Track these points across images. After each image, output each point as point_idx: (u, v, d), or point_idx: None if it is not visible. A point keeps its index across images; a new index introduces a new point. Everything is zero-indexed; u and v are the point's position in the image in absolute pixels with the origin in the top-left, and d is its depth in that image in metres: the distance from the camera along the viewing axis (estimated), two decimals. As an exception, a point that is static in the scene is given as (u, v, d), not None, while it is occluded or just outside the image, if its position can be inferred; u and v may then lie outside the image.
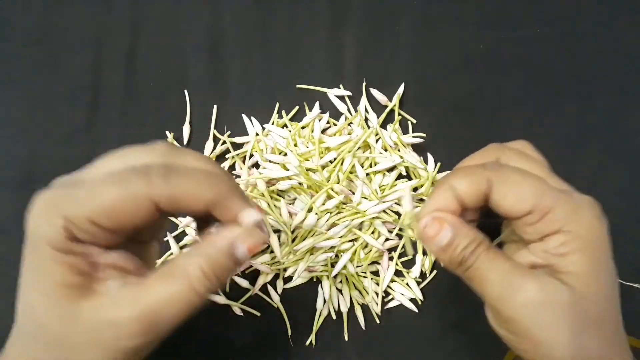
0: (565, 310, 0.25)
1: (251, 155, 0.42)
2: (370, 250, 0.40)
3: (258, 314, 0.40)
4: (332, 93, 0.43)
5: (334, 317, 0.40)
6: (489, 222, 0.30)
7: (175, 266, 0.24)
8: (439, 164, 0.41)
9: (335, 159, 0.40)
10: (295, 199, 0.40)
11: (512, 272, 0.26)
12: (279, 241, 0.40)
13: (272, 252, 0.40)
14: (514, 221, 0.27)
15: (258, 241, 0.25)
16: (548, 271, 0.26)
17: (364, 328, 0.40)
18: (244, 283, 0.40)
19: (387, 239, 0.40)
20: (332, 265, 0.40)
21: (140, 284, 0.23)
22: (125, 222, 0.23)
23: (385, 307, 0.40)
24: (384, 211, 0.40)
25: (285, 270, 0.40)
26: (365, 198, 0.40)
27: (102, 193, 0.23)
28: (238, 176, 0.41)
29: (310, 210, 0.39)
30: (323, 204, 0.39)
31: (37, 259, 0.24)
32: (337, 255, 0.40)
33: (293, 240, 0.39)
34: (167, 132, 0.43)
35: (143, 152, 0.25)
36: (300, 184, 0.40)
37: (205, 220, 0.27)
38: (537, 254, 0.27)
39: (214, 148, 0.42)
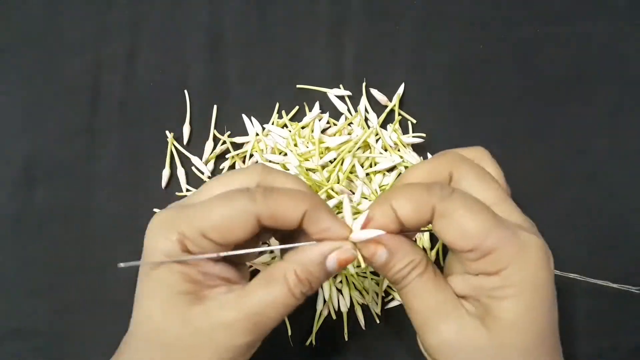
0: (481, 355, 0.25)
1: (251, 155, 0.42)
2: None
3: (258, 314, 0.40)
4: (332, 93, 0.43)
5: (334, 317, 0.40)
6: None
7: (273, 272, 0.26)
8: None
9: (335, 159, 0.40)
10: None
11: (437, 307, 0.26)
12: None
13: (271, 252, 0.40)
14: (455, 251, 0.26)
15: (349, 257, 0.26)
16: (479, 306, 0.26)
17: (364, 328, 0.40)
18: (244, 283, 0.40)
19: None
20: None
21: (244, 290, 0.26)
22: (232, 236, 0.26)
23: (385, 307, 0.40)
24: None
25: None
26: (365, 198, 0.40)
27: (213, 210, 0.26)
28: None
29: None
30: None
31: (154, 271, 0.26)
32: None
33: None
34: (167, 132, 0.43)
35: (242, 174, 0.28)
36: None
37: (289, 237, 0.29)
38: (471, 287, 0.26)
39: (214, 148, 0.42)
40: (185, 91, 0.43)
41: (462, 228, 0.25)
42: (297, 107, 0.43)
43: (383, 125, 0.42)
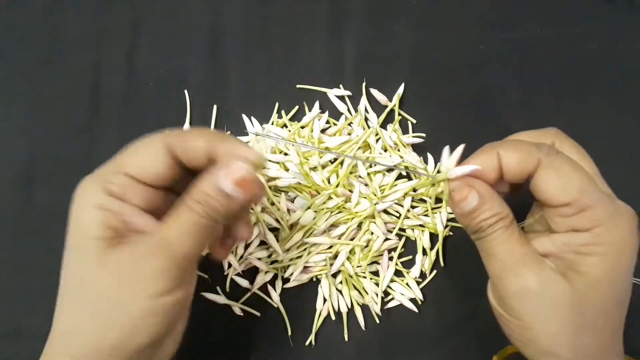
0: (561, 306, 0.25)
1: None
2: (370, 250, 0.40)
3: (258, 314, 0.40)
4: (332, 93, 0.43)
5: (334, 317, 0.40)
6: (516, 198, 0.30)
7: (180, 203, 0.27)
8: (439, 164, 0.41)
9: (335, 159, 0.40)
10: (296, 197, 0.40)
11: (520, 256, 0.26)
12: (277, 240, 0.40)
13: (268, 248, 0.40)
14: (547, 208, 0.27)
15: (242, 175, 0.27)
16: (559, 264, 0.26)
17: (364, 328, 0.40)
18: (244, 283, 0.40)
19: (386, 239, 0.40)
20: (332, 265, 0.40)
21: (158, 227, 0.27)
22: (151, 169, 0.27)
23: (385, 307, 0.40)
24: (385, 211, 0.40)
25: (284, 270, 0.40)
26: (365, 198, 0.40)
27: (131, 152, 0.28)
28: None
29: (309, 208, 0.39)
30: (324, 203, 0.39)
31: (76, 219, 0.27)
32: (335, 256, 0.40)
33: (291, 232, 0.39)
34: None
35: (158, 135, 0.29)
36: (299, 183, 0.40)
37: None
38: (557, 245, 0.27)
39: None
40: (185, 91, 0.43)
41: (565, 180, 0.26)
42: (297, 107, 0.43)
43: (383, 125, 0.42)
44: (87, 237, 0.26)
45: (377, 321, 0.40)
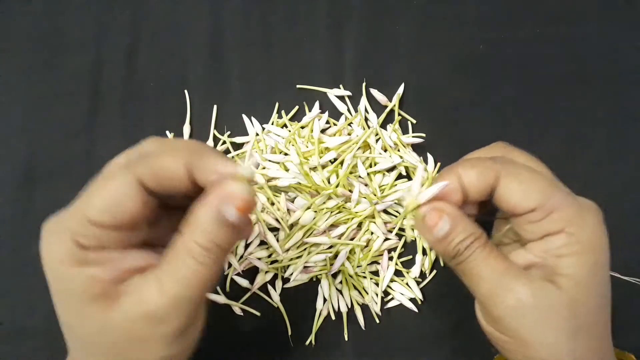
0: (556, 314, 0.25)
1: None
2: (370, 250, 0.40)
3: (258, 314, 0.40)
4: (332, 93, 0.43)
5: (334, 317, 0.40)
6: (483, 219, 0.30)
7: (176, 250, 0.24)
8: (439, 164, 0.41)
9: (335, 159, 0.40)
10: (295, 197, 0.40)
11: (506, 271, 0.26)
12: (277, 240, 0.40)
13: (268, 248, 0.40)
14: (516, 218, 0.27)
15: (243, 198, 0.23)
16: (543, 272, 0.26)
17: (364, 328, 0.40)
18: (244, 283, 0.40)
19: (386, 239, 0.40)
20: (332, 265, 0.40)
21: (156, 276, 0.24)
22: (122, 213, 0.24)
23: (385, 307, 0.40)
24: (385, 211, 0.40)
25: (284, 270, 0.40)
26: (365, 198, 0.40)
27: (93, 194, 0.24)
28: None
29: (308, 208, 0.39)
30: (324, 203, 0.39)
31: (56, 281, 0.24)
32: (336, 256, 0.40)
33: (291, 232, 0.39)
34: (167, 132, 0.43)
35: (127, 151, 0.26)
36: (299, 183, 0.40)
37: None
38: (535, 253, 0.27)
39: (214, 148, 0.42)
40: (185, 91, 0.43)
41: (527, 186, 0.26)
42: (297, 107, 0.43)
43: (383, 125, 0.42)
44: (79, 302, 0.24)
45: (377, 321, 0.40)
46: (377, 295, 0.40)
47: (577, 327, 0.25)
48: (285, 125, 0.42)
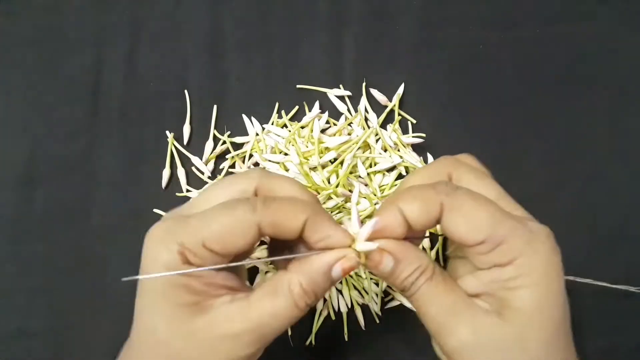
0: (504, 350, 0.24)
1: (250, 156, 0.42)
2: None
3: (258, 314, 0.40)
4: (332, 93, 0.43)
5: (334, 317, 0.40)
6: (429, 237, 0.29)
7: (278, 283, 0.26)
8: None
9: (335, 159, 0.40)
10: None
11: (450, 308, 0.25)
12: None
13: (268, 248, 0.40)
14: (465, 248, 0.26)
15: (353, 265, 0.26)
16: (493, 302, 0.26)
17: (363, 328, 0.40)
18: (244, 283, 0.40)
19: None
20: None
21: (248, 300, 0.26)
22: (233, 246, 0.25)
23: (385, 307, 0.40)
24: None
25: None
26: (365, 198, 0.40)
27: (213, 220, 0.25)
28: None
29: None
30: (323, 203, 0.39)
31: (156, 283, 0.25)
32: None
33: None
34: (167, 132, 0.43)
35: (241, 179, 0.27)
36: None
37: (282, 244, 0.29)
38: (484, 283, 0.26)
39: (214, 148, 0.42)
40: (186, 91, 0.43)
41: (472, 219, 0.25)
42: (297, 107, 0.43)
43: (383, 125, 0.42)
44: (170, 305, 0.25)
45: (377, 321, 0.40)
46: (377, 295, 0.40)
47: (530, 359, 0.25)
48: (285, 125, 0.42)
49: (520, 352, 0.24)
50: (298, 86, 0.43)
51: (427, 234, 0.28)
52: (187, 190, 0.42)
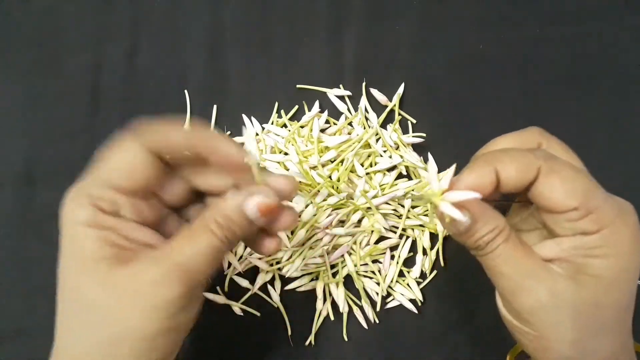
0: (578, 313, 0.25)
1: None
2: (368, 245, 0.40)
3: (258, 314, 0.40)
4: (332, 93, 0.43)
5: (333, 317, 0.40)
6: (501, 203, 0.29)
7: (195, 223, 0.26)
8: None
9: (335, 159, 0.40)
10: (296, 196, 0.40)
11: (527, 269, 0.26)
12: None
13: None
14: (551, 214, 0.26)
15: (268, 203, 0.26)
16: (568, 268, 0.26)
17: (364, 328, 0.40)
18: (244, 283, 0.40)
19: (387, 238, 0.40)
20: (332, 267, 0.40)
21: (169, 246, 0.26)
22: (136, 178, 0.26)
23: (385, 307, 0.40)
24: (388, 206, 0.40)
25: (280, 269, 0.40)
26: (365, 192, 0.40)
27: (107, 162, 0.26)
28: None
29: (307, 206, 0.39)
30: (324, 200, 0.39)
31: (71, 240, 0.26)
32: (334, 247, 0.40)
33: (292, 232, 0.39)
34: (167, 132, 0.43)
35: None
36: (300, 182, 0.40)
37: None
38: (564, 249, 0.26)
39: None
40: (185, 91, 0.43)
41: (571, 185, 0.25)
42: (296, 107, 0.43)
43: (383, 125, 0.42)
44: (89, 259, 0.25)
45: (377, 321, 0.40)
46: (377, 295, 0.40)
47: (600, 327, 0.25)
48: (285, 125, 0.42)
49: (593, 317, 0.25)
50: (298, 86, 0.43)
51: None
52: (187, 190, 0.42)
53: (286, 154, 0.41)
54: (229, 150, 0.26)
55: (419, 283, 0.40)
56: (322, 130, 0.41)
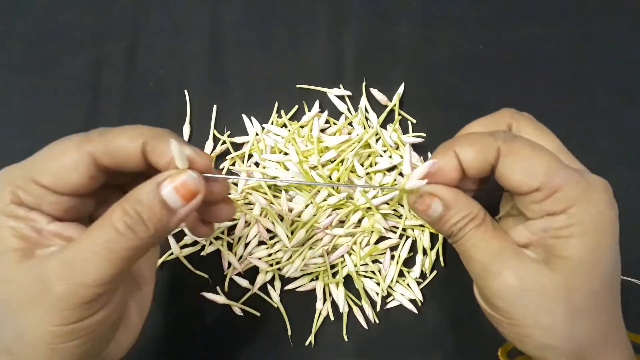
0: (549, 297, 0.24)
1: (250, 156, 0.42)
2: (368, 245, 0.40)
3: (258, 314, 0.40)
4: (332, 93, 0.43)
5: (333, 317, 0.40)
6: (483, 193, 0.29)
7: (101, 217, 0.24)
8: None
9: (335, 159, 0.40)
10: (295, 196, 0.40)
11: (497, 253, 0.25)
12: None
13: (268, 248, 0.40)
14: (518, 196, 0.26)
15: (189, 184, 0.23)
16: (541, 252, 0.26)
17: (364, 328, 0.40)
18: (243, 283, 0.40)
19: (387, 238, 0.40)
20: (332, 267, 0.40)
21: (74, 242, 0.23)
22: (66, 181, 0.24)
23: (385, 307, 0.40)
24: (388, 206, 0.40)
25: (280, 269, 0.40)
26: (365, 192, 0.40)
27: (44, 154, 0.24)
28: (237, 174, 0.41)
29: (308, 206, 0.39)
30: (324, 200, 0.39)
31: None
32: (334, 247, 0.40)
33: (292, 233, 0.39)
34: (167, 132, 0.43)
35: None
36: (300, 182, 0.40)
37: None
38: (534, 232, 0.26)
39: (214, 148, 0.42)
40: (185, 91, 0.43)
41: (528, 166, 0.24)
42: (296, 107, 0.43)
43: (383, 125, 0.42)
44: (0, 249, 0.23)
45: (377, 321, 0.40)
46: (377, 295, 0.40)
47: (574, 311, 0.24)
48: (284, 125, 0.42)
49: (564, 301, 0.24)
50: (298, 86, 0.43)
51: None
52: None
53: (286, 154, 0.41)
54: (185, 152, 0.24)
55: (419, 283, 0.40)
56: (322, 130, 0.41)
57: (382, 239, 0.40)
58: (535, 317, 0.25)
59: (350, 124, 0.42)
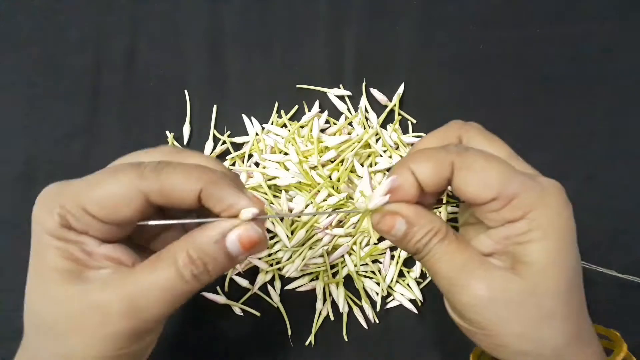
0: (518, 304, 0.25)
1: (250, 156, 0.42)
2: (368, 245, 0.40)
3: (258, 314, 0.40)
4: (332, 93, 0.43)
5: (333, 317, 0.40)
6: (440, 205, 0.29)
7: (164, 252, 0.24)
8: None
9: (335, 159, 0.40)
10: (295, 196, 0.40)
11: (463, 266, 0.25)
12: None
13: (269, 248, 0.40)
14: (475, 207, 0.26)
15: (252, 236, 0.24)
16: (505, 260, 0.26)
17: (365, 328, 0.40)
18: (243, 283, 0.40)
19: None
20: (332, 267, 0.40)
21: (130, 271, 0.24)
22: (116, 214, 0.24)
23: (385, 307, 0.40)
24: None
25: (280, 269, 0.40)
26: (363, 195, 0.40)
27: (96, 184, 0.24)
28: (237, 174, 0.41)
29: (307, 206, 0.39)
30: (324, 200, 0.39)
31: (35, 245, 0.25)
32: (334, 247, 0.40)
33: (292, 233, 0.39)
34: (167, 132, 0.43)
35: (145, 152, 0.26)
36: (299, 182, 0.40)
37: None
38: (497, 240, 0.26)
39: (214, 148, 0.42)
40: (185, 91, 0.43)
41: (483, 177, 0.25)
42: (296, 107, 0.43)
43: (383, 125, 0.42)
44: (47, 270, 0.24)
45: (377, 321, 0.40)
46: (377, 295, 0.40)
47: (544, 315, 0.25)
48: (285, 125, 0.42)
49: (534, 306, 0.24)
50: (298, 86, 0.43)
51: (444, 200, 0.28)
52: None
53: (286, 154, 0.41)
54: (236, 205, 0.24)
55: (419, 283, 0.40)
56: (322, 130, 0.41)
57: (382, 238, 0.40)
58: (507, 326, 0.25)
59: (350, 124, 0.42)
